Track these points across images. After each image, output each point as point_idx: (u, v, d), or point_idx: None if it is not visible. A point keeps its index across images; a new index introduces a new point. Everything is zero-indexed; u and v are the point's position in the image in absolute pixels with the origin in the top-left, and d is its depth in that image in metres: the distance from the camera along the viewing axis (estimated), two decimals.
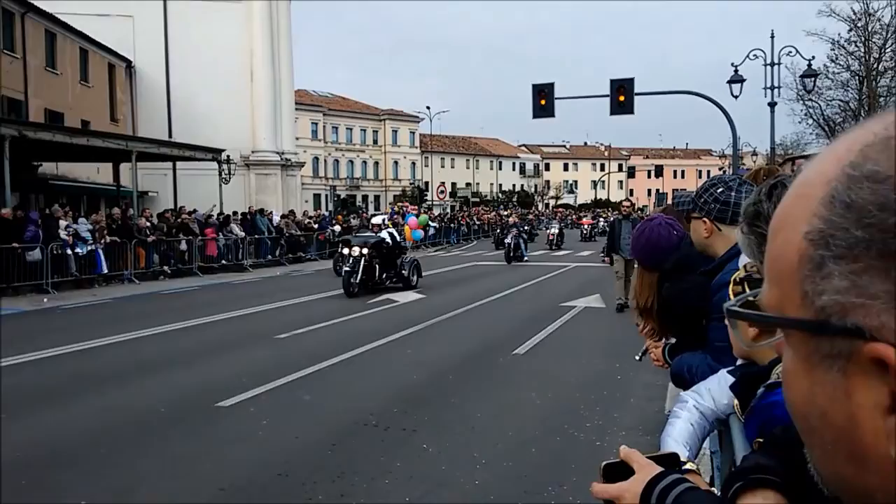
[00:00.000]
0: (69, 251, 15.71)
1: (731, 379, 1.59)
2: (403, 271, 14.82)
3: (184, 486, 4.31)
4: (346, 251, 14.42)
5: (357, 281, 13.51)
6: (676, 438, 1.76)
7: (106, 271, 16.74)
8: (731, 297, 1.56)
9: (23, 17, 24.51)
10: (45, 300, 13.83)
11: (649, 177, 72.57)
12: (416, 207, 36.83)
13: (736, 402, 1.50)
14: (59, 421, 5.71)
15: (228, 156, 24.84)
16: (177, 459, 4.80)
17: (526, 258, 22.85)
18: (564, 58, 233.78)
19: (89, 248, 16.33)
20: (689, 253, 2.56)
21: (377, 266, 14.18)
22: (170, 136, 29.97)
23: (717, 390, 1.80)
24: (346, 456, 4.80)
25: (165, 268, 18.78)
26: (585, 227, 38.78)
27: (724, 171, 36.27)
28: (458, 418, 5.74)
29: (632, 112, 20.25)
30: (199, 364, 7.91)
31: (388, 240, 14.83)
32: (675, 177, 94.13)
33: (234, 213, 23.66)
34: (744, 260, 1.44)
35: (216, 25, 33.01)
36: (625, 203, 12.88)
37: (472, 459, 4.71)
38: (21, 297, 14.06)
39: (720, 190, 2.31)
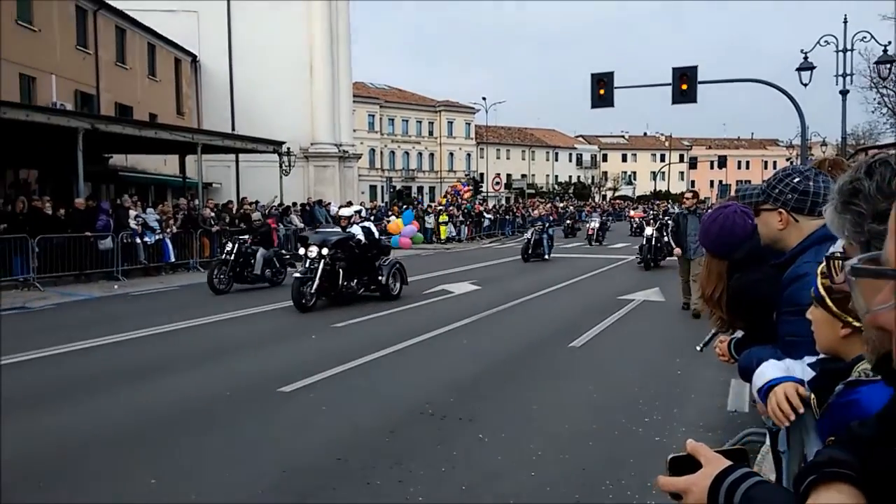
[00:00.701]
0: (138, 240, 16.36)
1: (812, 373, 1.54)
2: (381, 277, 11.88)
3: (248, 467, 4.44)
4: (301, 251, 12.00)
5: (313, 290, 10.76)
6: (772, 368, 1.70)
7: (173, 260, 17.35)
8: (820, 288, 1.51)
9: (95, 14, 25.52)
10: (116, 287, 14.43)
11: (712, 168, 70.31)
12: (470, 189, 36.86)
13: (812, 396, 1.45)
14: (132, 402, 5.96)
15: (289, 148, 25.35)
16: (241, 442, 4.95)
17: (547, 257, 20.37)
18: (624, 46, 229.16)
19: (157, 237, 16.97)
20: (762, 243, 2.48)
21: (341, 271, 11.36)
22: (233, 128, 30.77)
23: (799, 369, 1.73)
24: (403, 443, 4.86)
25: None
26: (636, 220, 35.06)
27: (792, 162, 34.88)
28: (515, 409, 5.74)
29: (694, 101, 19.68)
30: (262, 350, 8.13)
31: (361, 237, 11.96)
32: (739, 168, 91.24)
33: (294, 203, 24.16)
34: (831, 249, 1.39)
35: (277, 20, 33.67)
36: (686, 195, 11.07)
37: (529, 451, 4.70)
38: (93, 284, 14.71)
39: (797, 180, 2.22)
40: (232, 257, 13.75)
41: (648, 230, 20.17)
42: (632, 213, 40.96)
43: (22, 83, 21.32)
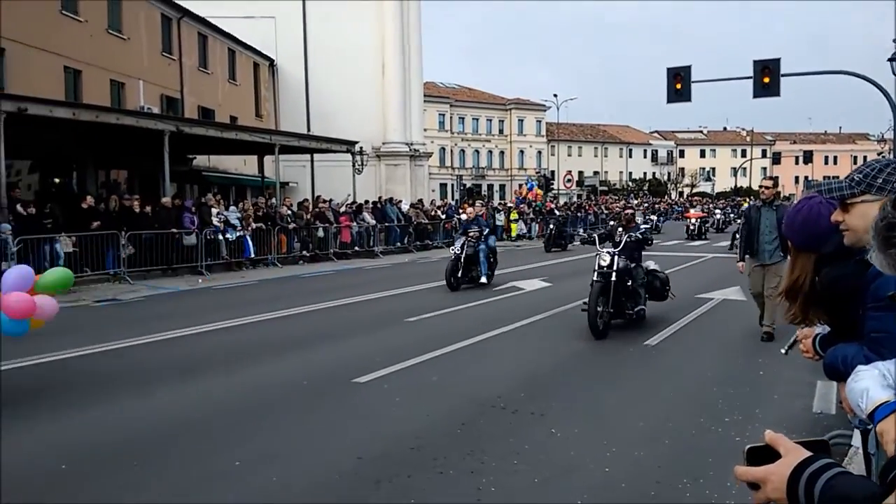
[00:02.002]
0: (220, 237, 17.06)
1: None
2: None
3: (325, 453, 4.58)
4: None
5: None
6: (871, 383, 1.62)
7: (252, 255, 18.00)
8: None
9: (179, 22, 26.71)
10: (200, 281, 15.09)
11: (797, 163, 67.33)
12: (538, 192, 36.45)
13: None
14: (216, 388, 6.24)
15: (361, 147, 25.84)
16: (318, 429, 5.10)
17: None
18: (702, 39, 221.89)
19: (238, 234, 17.65)
20: (851, 239, 2.38)
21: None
22: (308, 129, 31.61)
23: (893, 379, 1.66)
24: (476, 435, 4.89)
25: (304, 253, 19.92)
26: (692, 221, 30.27)
27: (883, 156, 32.92)
28: (587, 405, 5.68)
29: (777, 94, 18.94)
30: (337, 342, 8.33)
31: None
32: (826, 163, 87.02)
33: (366, 201, 24.60)
34: None
35: (351, 23, 34.35)
36: (764, 184, 8.55)
37: (602, 447, 4.65)
38: (179, 278, 15.43)
39: (891, 168, 2.11)
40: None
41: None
42: (690, 211, 35.11)
43: (112, 88, 22.56)
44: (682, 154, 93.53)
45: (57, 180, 20.89)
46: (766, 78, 18.85)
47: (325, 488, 4.02)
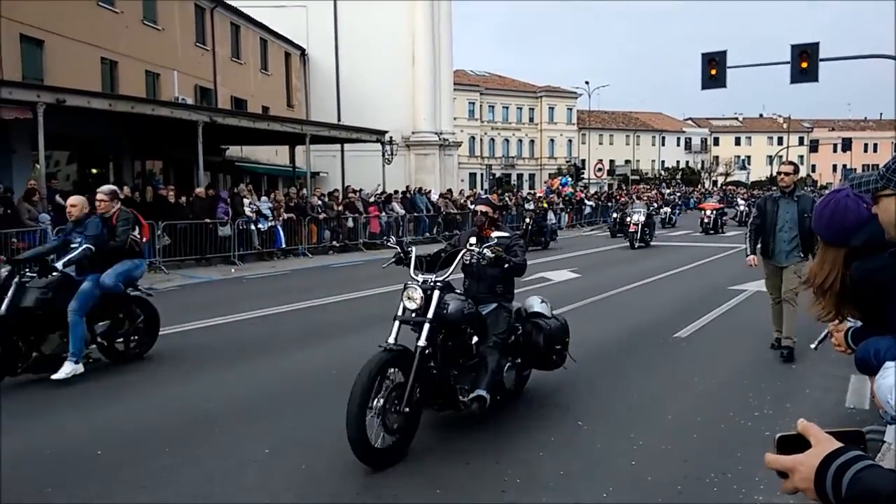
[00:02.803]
0: (252, 227, 17.28)
1: None
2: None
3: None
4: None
5: None
6: None
7: (284, 245, 18.21)
8: None
9: (212, 12, 27.01)
10: (233, 270, 15.33)
11: (835, 151, 65.59)
12: (569, 185, 36.11)
13: None
14: (246, 377, 6.35)
15: (391, 137, 25.90)
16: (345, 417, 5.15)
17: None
18: (736, 23, 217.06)
19: (270, 224, 17.86)
20: (882, 230, 2.33)
21: None
22: (338, 119, 31.77)
23: None
24: (500, 427, 4.91)
25: (334, 243, 20.09)
26: (708, 213, 27.21)
27: None
28: (615, 398, 5.65)
29: (816, 80, 18.50)
30: (366, 332, 8.38)
31: None
32: (865, 151, 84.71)
33: (396, 191, 24.68)
34: None
35: (381, 12, 34.36)
36: (783, 169, 6.99)
37: (629, 440, 4.63)
38: (212, 268, 15.69)
39: None
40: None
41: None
42: (705, 203, 30.95)
43: (147, 79, 22.94)
44: (716, 142, 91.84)
45: (94, 171, 21.37)
46: (804, 63, 18.42)
47: (353, 477, 4.08)
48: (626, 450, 4.47)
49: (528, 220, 21.21)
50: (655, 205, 33.92)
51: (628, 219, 21.14)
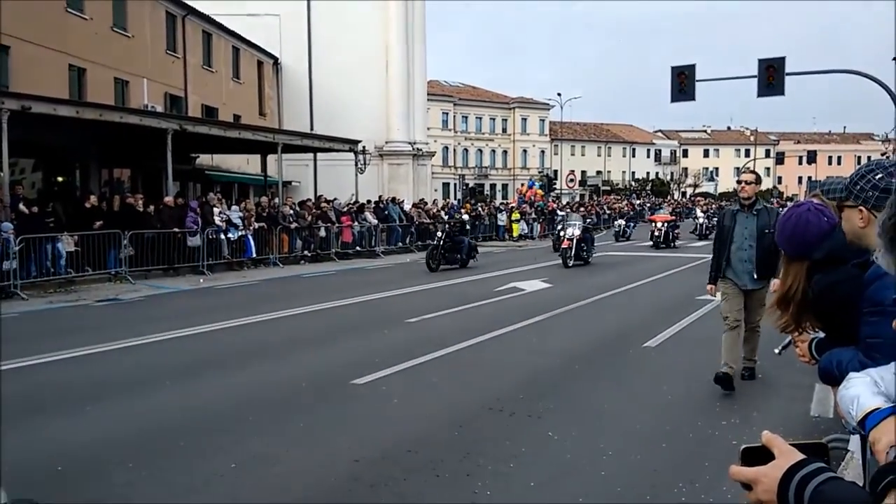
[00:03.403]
0: (222, 236, 17.06)
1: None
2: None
3: (322, 455, 4.58)
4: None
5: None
6: (862, 390, 1.62)
7: (254, 255, 18.01)
8: None
9: (183, 20, 26.72)
10: (202, 280, 15.10)
11: (801, 163, 67.12)
12: (540, 192, 36.39)
13: None
14: (214, 389, 6.25)
15: (364, 146, 25.83)
16: (315, 431, 5.11)
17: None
18: (705, 37, 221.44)
19: (240, 233, 17.65)
20: (843, 242, 2.38)
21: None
22: (311, 128, 31.61)
23: (889, 379, 1.65)
24: (472, 438, 4.90)
25: (306, 252, 19.94)
26: (659, 225, 24.90)
27: (887, 157, 32.82)
28: (585, 408, 5.68)
29: (782, 93, 18.93)
30: (336, 343, 8.34)
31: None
32: (829, 163, 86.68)
33: (368, 201, 24.60)
34: None
35: (354, 22, 34.34)
36: (743, 178, 6.38)
37: (599, 450, 4.65)
38: (180, 278, 15.44)
39: (879, 176, 2.11)
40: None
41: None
42: (656, 216, 27.87)
43: (116, 87, 22.59)
44: (685, 154, 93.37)
45: (60, 179, 20.93)
46: (771, 77, 18.84)
47: (322, 490, 4.03)
48: (596, 459, 4.48)
49: (439, 233, 18.16)
50: (595, 216, 32.94)
51: (562, 233, 18.92)
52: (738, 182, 6.39)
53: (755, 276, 6.03)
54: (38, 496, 3.90)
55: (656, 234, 24.57)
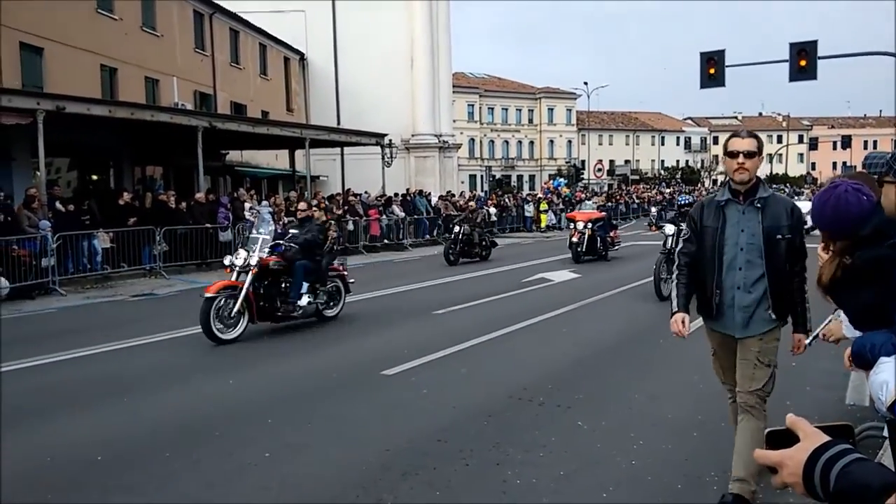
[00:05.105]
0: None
1: None
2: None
3: (353, 444, 4.64)
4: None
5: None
6: (892, 375, 1.60)
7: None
8: None
9: (211, 18, 27.04)
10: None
11: (835, 148, 65.55)
12: (567, 187, 36.07)
13: None
14: (246, 381, 6.36)
15: (391, 140, 25.91)
16: (347, 421, 5.17)
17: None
18: (735, 22, 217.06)
19: (270, 227, 17.80)
20: (887, 218, 2.32)
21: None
22: (338, 123, 31.79)
23: None
24: (502, 428, 4.91)
25: (335, 246, 20.07)
26: (580, 227, 16.18)
27: None
28: (615, 398, 5.65)
29: (814, 77, 18.49)
30: (366, 335, 8.41)
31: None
32: (865, 148, 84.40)
33: (396, 194, 24.69)
34: None
35: (379, 16, 34.39)
36: (736, 146, 3.52)
37: (629, 440, 4.63)
38: (213, 272, 15.65)
39: None
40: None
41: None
42: (578, 210, 18.68)
43: (147, 86, 22.97)
44: (715, 141, 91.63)
45: (94, 177, 21.39)
46: (803, 61, 18.42)
47: (353, 479, 4.09)
48: (625, 449, 4.47)
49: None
50: (611, 203, 30.76)
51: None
52: (729, 154, 3.55)
53: (769, 315, 3.67)
54: (75, 484, 4.03)
55: (574, 240, 16.17)
